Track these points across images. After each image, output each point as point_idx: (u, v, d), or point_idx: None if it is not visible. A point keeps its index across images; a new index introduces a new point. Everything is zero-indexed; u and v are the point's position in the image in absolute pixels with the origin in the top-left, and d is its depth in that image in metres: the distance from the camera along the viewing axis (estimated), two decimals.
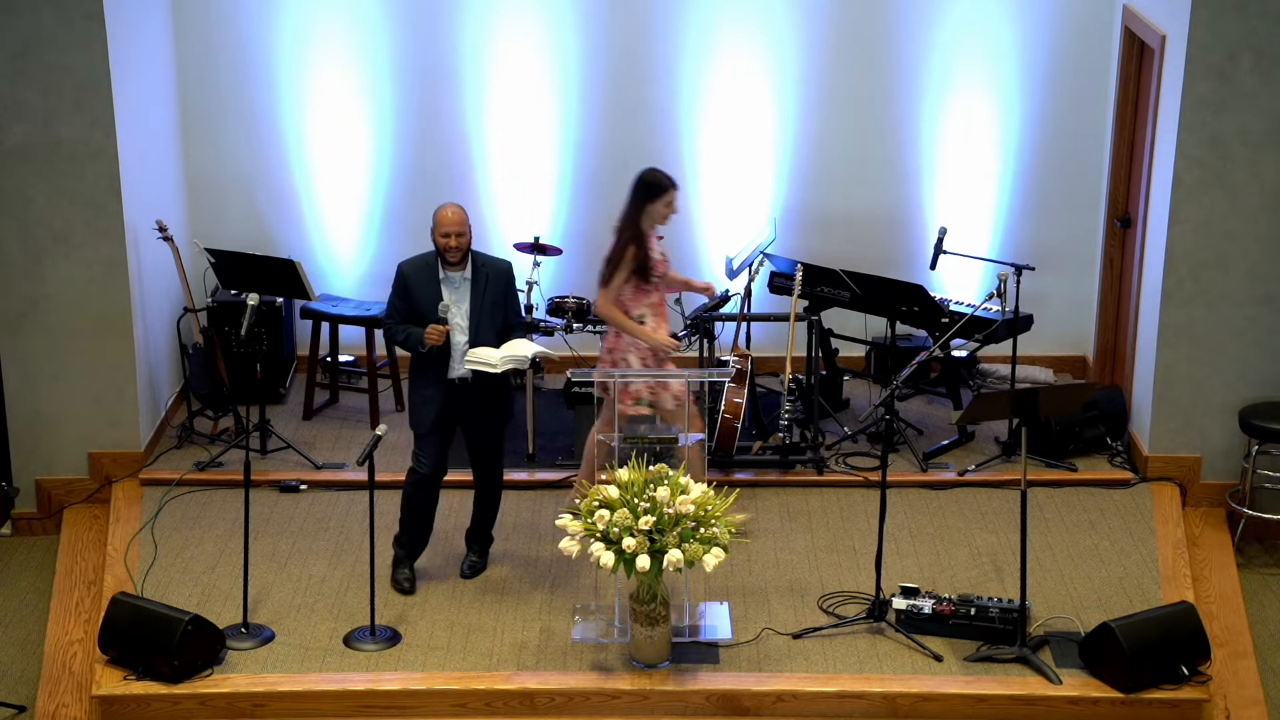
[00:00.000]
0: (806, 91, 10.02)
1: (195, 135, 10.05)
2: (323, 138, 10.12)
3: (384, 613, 7.77)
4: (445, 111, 10.08)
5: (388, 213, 10.25)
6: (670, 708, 7.28)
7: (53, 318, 8.86)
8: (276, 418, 9.65)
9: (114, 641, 7.39)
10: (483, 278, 7.80)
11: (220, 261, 9.38)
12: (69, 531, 8.82)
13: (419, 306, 7.77)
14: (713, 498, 7.21)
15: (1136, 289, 9.24)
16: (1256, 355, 8.80)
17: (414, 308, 7.78)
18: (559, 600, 7.93)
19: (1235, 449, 8.88)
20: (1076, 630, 7.61)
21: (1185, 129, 8.52)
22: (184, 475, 9.03)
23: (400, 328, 7.82)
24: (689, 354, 9.48)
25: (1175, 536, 8.50)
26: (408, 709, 7.29)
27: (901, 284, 9.34)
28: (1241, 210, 8.62)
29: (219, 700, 7.26)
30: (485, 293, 7.80)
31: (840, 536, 8.52)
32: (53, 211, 8.72)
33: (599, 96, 10.06)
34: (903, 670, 7.39)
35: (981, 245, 10.07)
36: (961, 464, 9.20)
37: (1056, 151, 10.07)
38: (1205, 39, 8.38)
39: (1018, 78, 9.98)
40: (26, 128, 8.59)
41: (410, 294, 7.78)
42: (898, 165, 10.12)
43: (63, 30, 8.47)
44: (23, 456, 9.05)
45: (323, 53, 9.98)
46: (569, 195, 10.22)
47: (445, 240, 7.70)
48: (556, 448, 9.37)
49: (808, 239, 10.17)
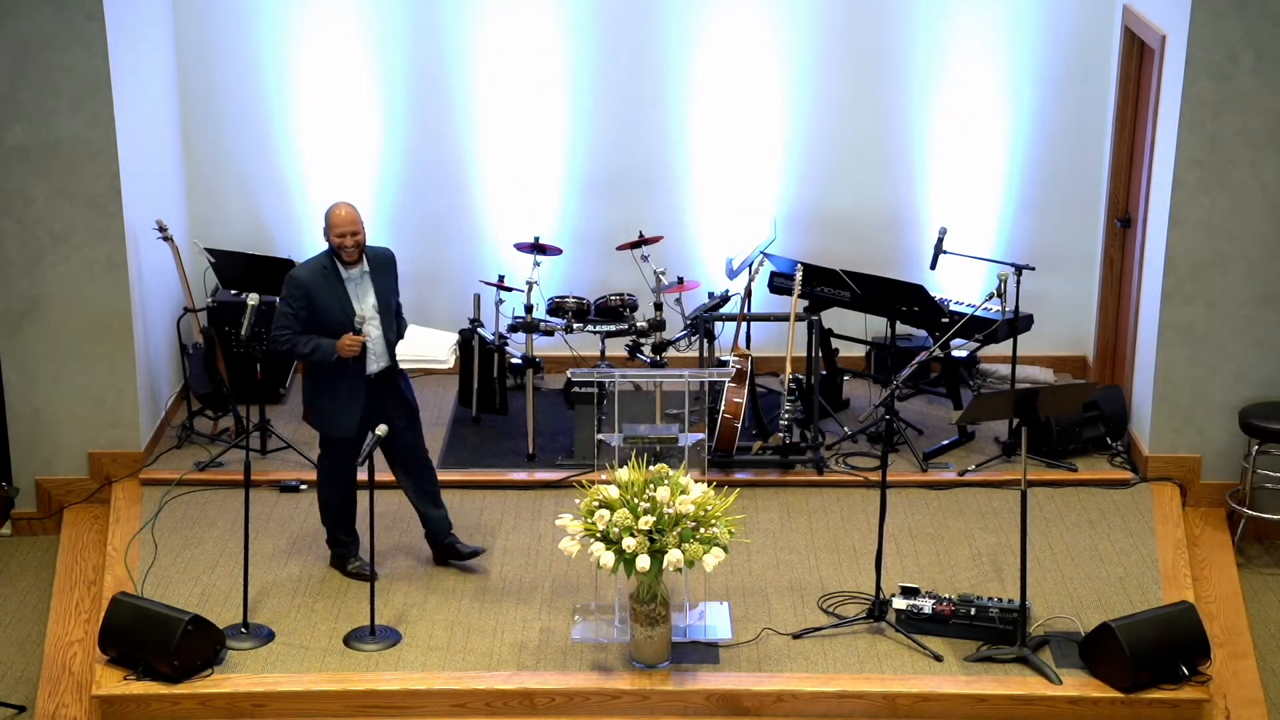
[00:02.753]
0: (807, 91, 10.02)
1: (195, 135, 10.05)
2: (323, 138, 10.12)
3: (384, 613, 7.77)
4: (445, 111, 10.08)
5: (388, 213, 10.25)
6: (670, 708, 7.28)
7: (53, 318, 8.86)
8: (276, 418, 9.65)
9: (114, 641, 7.38)
10: (376, 269, 7.78)
11: (220, 261, 9.38)
12: (69, 531, 8.82)
13: (325, 313, 7.64)
14: (713, 498, 7.21)
15: (1136, 289, 9.24)
16: (1256, 355, 8.80)
17: (317, 316, 7.64)
18: (559, 600, 7.93)
19: (1235, 449, 8.88)
20: (1076, 630, 7.61)
21: (1185, 129, 8.52)
22: (184, 475, 9.03)
23: (303, 339, 7.64)
24: (689, 354, 9.49)
25: (1175, 536, 8.50)
26: (408, 709, 7.29)
27: (901, 284, 9.34)
28: (1241, 210, 8.62)
29: (219, 700, 7.26)
30: (381, 284, 7.78)
31: (840, 536, 8.52)
32: (53, 211, 8.72)
33: (599, 96, 10.05)
34: (903, 670, 7.39)
35: (981, 245, 10.07)
36: (961, 464, 9.20)
37: (1056, 151, 10.07)
38: (1205, 39, 8.38)
39: (1018, 78, 9.97)
40: (26, 128, 8.59)
41: (313, 302, 7.63)
42: (898, 165, 10.12)
43: (63, 30, 8.47)
44: (23, 456, 9.05)
45: (323, 53, 9.98)
46: (569, 195, 10.22)
47: (342, 240, 7.63)
48: (556, 448, 9.37)
49: (808, 239, 10.17)
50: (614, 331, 9.49)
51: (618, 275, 9.98)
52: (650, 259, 9.63)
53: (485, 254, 10.24)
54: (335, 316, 7.66)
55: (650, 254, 9.66)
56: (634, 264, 9.75)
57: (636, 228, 9.85)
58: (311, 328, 7.67)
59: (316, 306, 7.65)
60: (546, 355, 9.95)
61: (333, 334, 7.65)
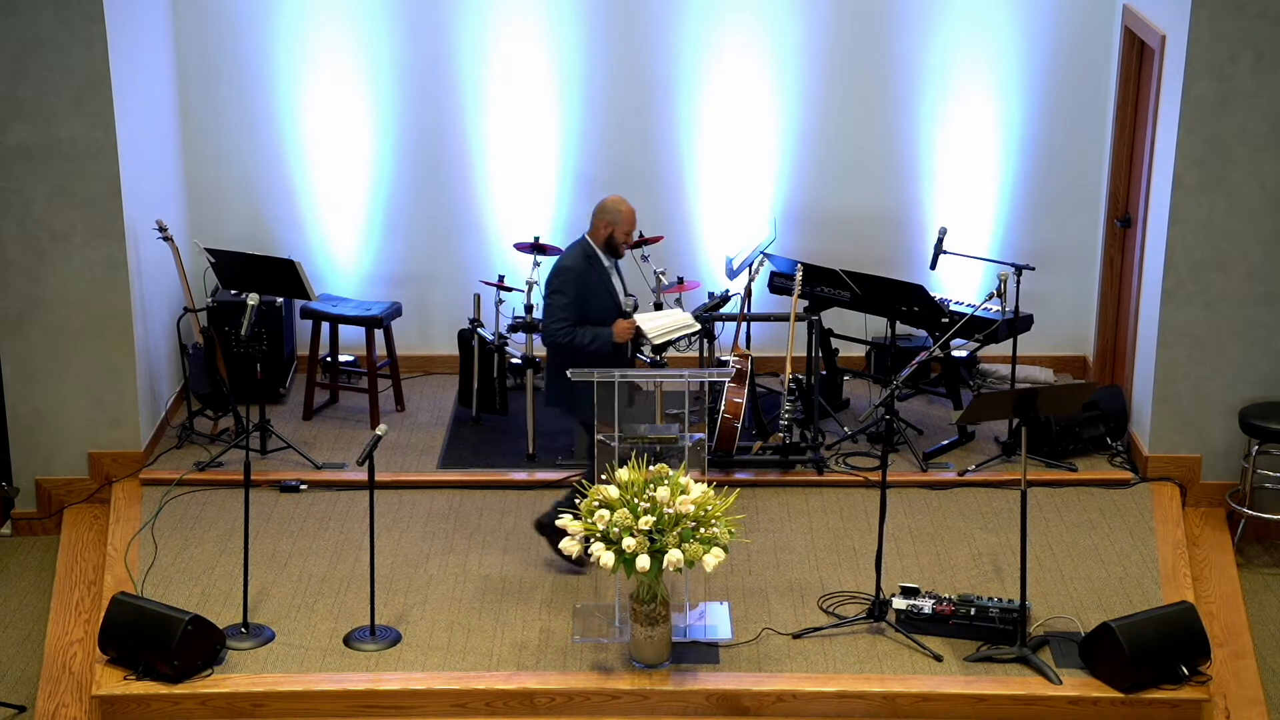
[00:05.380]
0: (807, 91, 10.02)
1: (195, 135, 10.05)
2: (323, 138, 10.12)
3: (384, 613, 7.77)
4: (445, 111, 10.08)
5: (388, 213, 10.25)
6: (670, 708, 7.28)
7: (53, 318, 8.86)
8: (276, 418, 9.65)
9: (114, 641, 7.38)
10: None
11: (220, 261, 9.38)
12: (69, 531, 8.82)
13: (594, 302, 7.90)
14: (713, 498, 7.21)
15: (1136, 289, 9.24)
16: (1256, 355, 8.80)
17: (587, 305, 7.89)
18: (559, 600, 7.93)
19: (1235, 449, 8.88)
20: (1076, 630, 7.61)
21: (1185, 129, 8.52)
22: (184, 475, 9.03)
23: (581, 330, 7.86)
24: (689, 354, 9.48)
25: (1175, 536, 8.50)
26: (408, 709, 7.29)
27: (901, 284, 9.34)
28: (1241, 210, 8.62)
29: (219, 700, 7.26)
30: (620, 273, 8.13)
31: (840, 536, 8.52)
32: (53, 211, 8.72)
33: (599, 96, 10.05)
34: (903, 670, 7.39)
35: (981, 245, 10.07)
36: (961, 464, 9.20)
37: (1056, 151, 10.07)
38: (1205, 39, 8.38)
39: (1018, 78, 9.98)
40: (26, 128, 8.59)
41: (585, 291, 7.87)
42: (898, 165, 10.12)
43: (63, 30, 8.47)
44: (23, 456, 9.05)
45: (323, 53, 9.98)
46: (569, 195, 10.22)
47: (629, 235, 7.97)
48: (556, 448, 9.37)
49: (808, 239, 10.17)
50: None
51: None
52: (650, 259, 9.63)
53: (485, 254, 10.24)
54: (605, 304, 7.92)
55: (650, 254, 9.66)
56: (634, 264, 9.75)
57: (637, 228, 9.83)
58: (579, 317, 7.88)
59: (587, 296, 7.87)
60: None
61: (598, 322, 7.90)
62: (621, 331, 7.94)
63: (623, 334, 7.94)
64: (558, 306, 7.87)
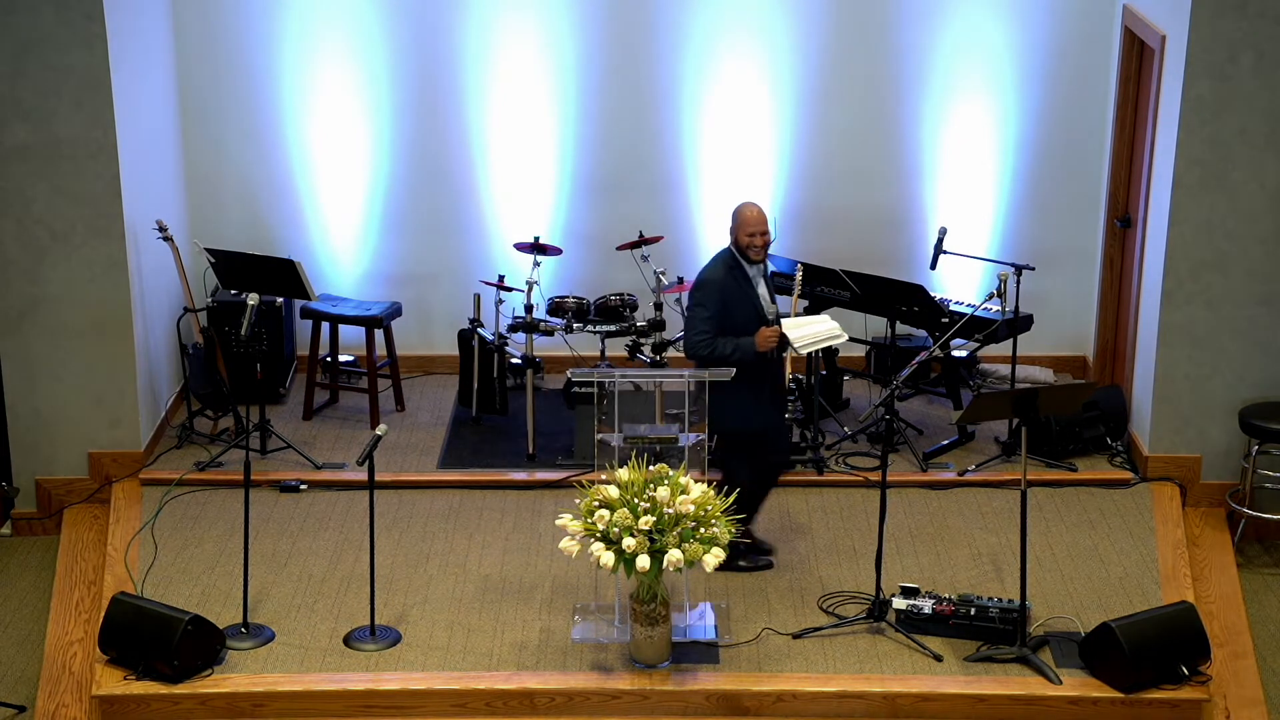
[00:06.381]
0: (806, 91, 10.02)
1: (195, 135, 10.05)
2: (323, 137, 10.12)
3: (384, 613, 7.77)
4: (445, 111, 10.08)
5: (388, 213, 10.25)
6: (670, 708, 7.28)
7: (53, 318, 8.86)
8: (276, 418, 9.65)
9: (114, 641, 7.38)
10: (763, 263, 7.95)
11: (220, 261, 9.38)
12: (69, 531, 8.82)
13: (736, 311, 7.75)
14: (713, 498, 7.21)
15: (1136, 289, 9.24)
16: (1256, 355, 8.80)
17: (729, 315, 7.75)
18: (559, 600, 7.93)
19: (1235, 449, 8.88)
20: (1076, 630, 7.61)
21: (1185, 129, 8.52)
22: (184, 475, 9.03)
23: (722, 341, 7.72)
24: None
25: (1175, 536, 8.50)
26: (408, 709, 7.29)
27: (901, 284, 9.34)
28: (1241, 210, 8.62)
29: (219, 700, 7.26)
30: (768, 281, 7.98)
31: (840, 536, 8.52)
32: (53, 211, 8.72)
33: (599, 96, 10.05)
34: (903, 670, 7.39)
35: (981, 245, 10.07)
36: (961, 464, 9.20)
37: (1056, 151, 10.07)
38: (1205, 39, 8.38)
39: (1018, 78, 9.97)
40: (26, 128, 8.59)
41: (726, 302, 7.73)
42: (898, 165, 10.12)
43: (63, 30, 8.47)
44: (23, 456, 9.05)
45: (323, 53, 9.98)
46: (569, 195, 10.22)
47: (752, 239, 7.76)
48: (556, 448, 9.36)
49: (808, 239, 10.17)
50: (614, 331, 9.49)
51: (618, 275, 9.98)
52: (650, 259, 9.63)
53: (485, 254, 10.23)
54: (747, 313, 7.77)
55: (650, 254, 9.66)
56: (634, 264, 9.75)
57: (636, 228, 9.85)
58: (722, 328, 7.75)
59: (729, 306, 7.74)
60: (546, 355, 9.95)
61: (741, 331, 7.74)
62: (764, 340, 7.73)
63: (765, 342, 7.73)
64: (699, 320, 7.75)
